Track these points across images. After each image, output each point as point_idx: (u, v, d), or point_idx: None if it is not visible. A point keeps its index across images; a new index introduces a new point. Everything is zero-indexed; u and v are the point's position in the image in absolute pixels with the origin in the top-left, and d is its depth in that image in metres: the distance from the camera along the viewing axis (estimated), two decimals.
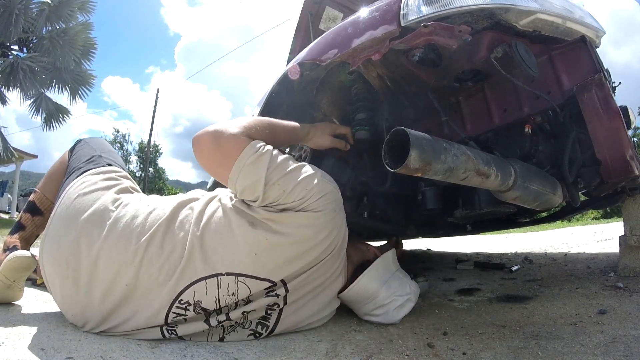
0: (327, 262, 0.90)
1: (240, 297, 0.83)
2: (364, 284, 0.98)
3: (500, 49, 0.87)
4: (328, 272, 0.93)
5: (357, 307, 1.03)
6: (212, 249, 0.82)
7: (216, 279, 0.81)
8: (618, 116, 0.87)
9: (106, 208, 0.89)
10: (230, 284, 0.82)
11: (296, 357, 0.78)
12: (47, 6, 7.72)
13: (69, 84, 8.29)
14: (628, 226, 1.29)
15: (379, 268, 1.02)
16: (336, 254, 0.91)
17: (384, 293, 1.00)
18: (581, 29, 0.96)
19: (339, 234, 0.90)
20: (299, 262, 0.85)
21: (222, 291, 0.82)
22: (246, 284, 0.82)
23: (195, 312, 0.82)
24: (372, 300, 1.00)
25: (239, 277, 0.82)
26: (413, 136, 0.69)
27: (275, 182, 0.83)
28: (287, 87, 1.18)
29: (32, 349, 0.78)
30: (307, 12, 2.51)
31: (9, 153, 8.01)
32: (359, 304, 1.02)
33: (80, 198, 0.92)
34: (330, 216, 0.87)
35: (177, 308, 0.82)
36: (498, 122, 1.02)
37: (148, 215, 0.87)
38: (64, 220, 0.89)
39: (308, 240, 0.84)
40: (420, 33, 0.82)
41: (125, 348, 0.81)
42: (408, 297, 1.02)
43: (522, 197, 0.88)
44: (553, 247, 2.39)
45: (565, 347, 0.77)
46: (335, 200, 0.89)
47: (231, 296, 0.82)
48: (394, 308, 1.00)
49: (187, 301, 0.82)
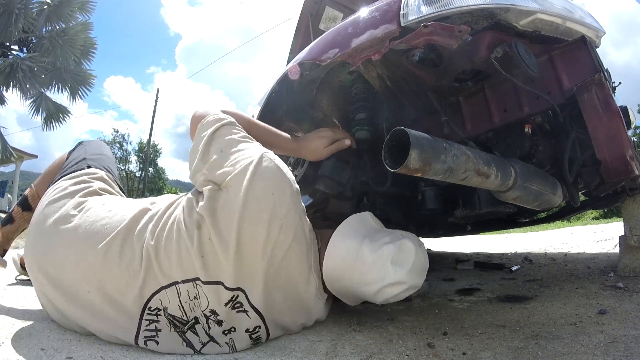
0: (285, 263, 0.81)
1: (203, 303, 0.79)
2: (337, 243, 0.87)
3: (500, 49, 0.87)
4: (294, 276, 0.84)
5: (351, 287, 0.87)
6: (166, 257, 0.79)
7: (175, 287, 0.79)
8: (618, 116, 0.87)
9: (68, 214, 0.90)
10: (190, 290, 0.79)
11: (296, 357, 0.78)
12: (47, 6, 7.72)
13: (68, 83, 8.29)
14: (628, 226, 1.29)
15: (352, 223, 0.91)
16: (293, 250, 0.82)
17: (367, 246, 0.84)
18: (581, 29, 0.96)
19: (287, 223, 0.81)
20: (245, 265, 0.79)
21: (184, 298, 0.79)
22: (204, 290, 0.79)
23: (167, 318, 0.80)
24: (359, 261, 0.84)
25: (195, 281, 0.78)
26: (413, 136, 0.69)
27: (216, 144, 0.85)
28: (287, 87, 1.18)
29: (32, 349, 0.78)
30: (307, 12, 2.51)
31: (8, 153, 8.01)
32: (347, 280, 0.86)
33: (49, 206, 0.93)
34: (268, 203, 0.79)
35: (149, 315, 0.80)
36: (498, 122, 1.02)
37: (107, 221, 0.86)
38: (35, 228, 0.92)
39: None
40: (420, 33, 0.82)
41: (125, 348, 0.81)
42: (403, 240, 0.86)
43: (522, 197, 0.88)
44: (553, 247, 2.39)
45: (565, 347, 0.77)
46: (274, 186, 0.81)
47: (194, 300, 0.79)
48: (393, 256, 0.82)
49: (156, 307, 0.80)
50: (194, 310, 0.80)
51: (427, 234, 1.87)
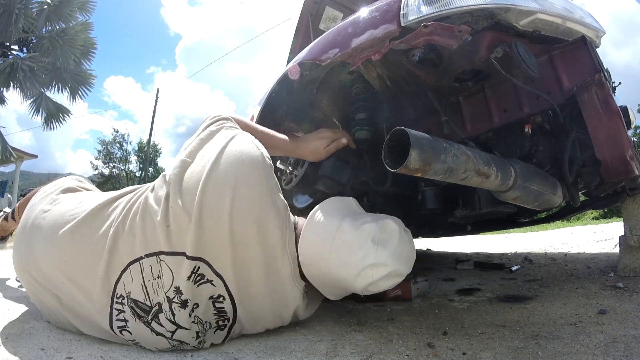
0: (254, 234, 0.78)
1: (166, 282, 0.77)
2: (315, 221, 0.83)
3: (500, 49, 0.87)
4: (267, 249, 0.80)
5: (328, 271, 0.80)
6: (131, 235, 0.80)
7: (138, 264, 0.79)
8: (618, 116, 0.87)
9: (42, 210, 0.93)
10: (153, 266, 0.78)
11: (296, 357, 0.78)
12: (47, 6, 7.72)
13: (69, 83, 8.29)
14: (628, 226, 1.29)
15: (334, 202, 0.88)
16: (262, 221, 0.78)
17: (348, 224, 0.80)
18: (581, 29, 0.96)
19: (253, 192, 0.79)
20: (207, 232, 0.77)
21: (147, 276, 0.78)
22: (167, 264, 0.78)
23: (129, 306, 0.79)
24: (338, 239, 0.79)
25: (159, 255, 0.78)
26: (413, 136, 0.69)
27: (202, 134, 0.88)
28: (287, 87, 1.18)
29: (32, 349, 0.78)
30: (307, 12, 2.51)
31: (7, 153, 8.01)
32: (325, 262, 0.80)
33: (30, 208, 0.97)
34: (236, 170, 0.79)
35: (117, 304, 0.80)
36: (498, 122, 1.02)
37: (76, 210, 0.88)
38: (20, 230, 0.96)
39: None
40: (420, 33, 0.82)
41: (125, 348, 0.81)
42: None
43: (522, 197, 0.88)
44: (553, 247, 2.38)
45: (565, 347, 0.77)
46: (245, 157, 0.81)
47: (156, 279, 0.78)
48: (374, 235, 0.78)
49: (121, 294, 0.79)
50: (157, 293, 0.78)
51: (427, 234, 1.87)
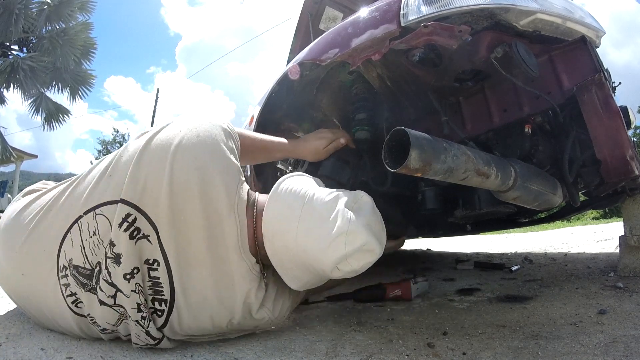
0: (194, 183, 0.74)
1: (102, 235, 0.75)
2: (283, 190, 0.78)
3: (500, 49, 0.87)
4: (209, 204, 0.74)
5: (296, 245, 0.73)
6: (73, 198, 0.80)
7: (77, 225, 0.77)
8: (618, 116, 0.87)
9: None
10: (90, 223, 0.76)
11: (296, 357, 0.79)
12: (47, 6, 7.72)
13: (69, 83, 8.30)
14: (628, 226, 1.29)
15: (301, 176, 0.84)
16: (203, 171, 0.74)
17: (319, 193, 0.75)
18: (581, 29, 0.96)
19: (197, 143, 0.76)
20: (145, 174, 0.75)
21: (85, 236, 0.76)
22: (103, 215, 0.75)
23: (72, 275, 0.77)
24: (307, 207, 0.73)
25: (95, 209, 0.76)
26: (413, 136, 0.69)
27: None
28: (287, 87, 1.18)
29: (32, 349, 0.78)
30: (307, 12, 2.51)
31: (7, 153, 8.02)
32: (292, 234, 0.72)
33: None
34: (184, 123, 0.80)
35: (62, 278, 0.78)
36: (498, 122, 1.02)
37: (33, 204, 0.88)
38: None
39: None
40: (420, 33, 0.82)
41: (125, 348, 0.81)
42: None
43: (522, 197, 0.88)
44: (553, 247, 2.38)
45: (565, 347, 0.77)
46: (206, 122, 0.81)
47: (93, 236, 0.75)
48: (347, 201, 0.74)
49: (64, 265, 0.77)
50: (94, 253, 0.76)
51: (427, 234, 1.87)
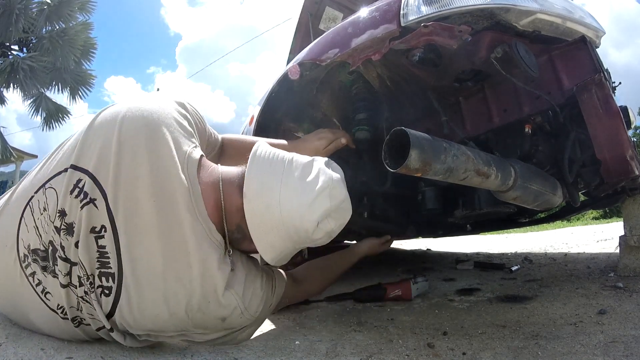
0: (139, 139, 0.71)
1: (52, 208, 0.72)
2: (262, 152, 0.76)
3: (500, 49, 0.87)
4: (147, 157, 0.71)
5: (279, 201, 0.69)
6: (25, 184, 0.79)
7: (28, 206, 0.75)
8: (618, 116, 0.87)
9: None
10: (40, 199, 0.74)
11: (296, 357, 0.79)
12: (47, 6, 7.72)
13: (69, 84, 8.29)
14: (628, 226, 1.29)
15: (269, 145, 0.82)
16: (147, 125, 0.72)
17: (296, 155, 0.76)
18: (581, 29, 0.96)
19: (148, 107, 0.76)
20: (94, 138, 0.73)
21: (37, 215, 0.74)
22: (52, 187, 0.74)
23: (33, 261, 0.75)
24: (291, 164, 0.73)
25: (45, 185, 0.75)
26: (413, 136, 0.69)
27: None
28: (287, 87, 1.18)
29: (32, 349, 0.78)
30: (307, 12, 2.51)
31: (8, 153, 8.02)
32: (277, 184, 0.70)
33: None
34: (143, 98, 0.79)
35: (26, 268, 0.76)
36: (498, 122, 1.02)
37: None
38: None
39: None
40: (420, 33, 0.82)
41: (125, 348, 0.81)
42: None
43: (522, 197, 0.88)
44: (553, 247, 2.38)
45: (565, 347, 0.77)
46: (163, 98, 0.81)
47: (44, 212, 0.73)
48: (325, 161, 0.76)
49: (24, 254, 0.76)
50: (45, 231, 0.73)
51: (427, 234, 1.86)
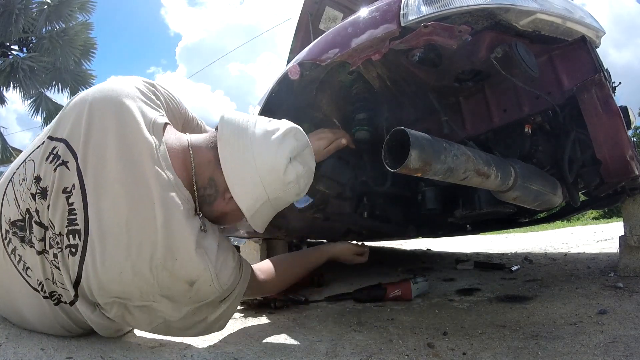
0: (108, 108, 0.75)
1: (29, 177, 0.75)
2: (230, 115, 0.84)
3: (500, 49, 0.87)
4: (115, 122, 0.74)
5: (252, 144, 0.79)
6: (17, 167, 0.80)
7: (10, 182, 0.78)
8: (618, 116, 0.87)
9: None
10: (20, 173, 0.77)
11: (296, 357, 0.79)
12: (47, 6, 7.73)
13: (68, 84, 8.30)
14: (628, 226, 1.29)
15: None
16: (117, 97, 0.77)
17: (261, 116, 0.87)
18: (581, 29, 0.96)
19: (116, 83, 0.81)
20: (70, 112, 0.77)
21: (17, 187, 0.77)
22: (32, 159, 0.77)
23: (13, 234, 0.76)
24: (255, 122, 0.83)
25: (26, 160, 0.78)
26: (413, 136, 0.69)
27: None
28: (287, 87, 1.18)
29: (32, 349, 0.78)
30: (307, 12, 2.51)
31: (8, 153, 8.02)
32: (251, 131, 0.80)
33: None
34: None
35: (8, 245, 0.77)
36: (498, 122, 1.02)
37: None
38: None
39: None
40: (420, 33, 0.82)
41: (125, 348, 0.81)
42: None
43: (522, 197, 0.88)
44: (553, 247, 2.38)
45: (565, 347, 0.77)
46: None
47: (22, 182, 0.76)
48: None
49: (6, 230, 0.77)
50: (23, 199, 0.75)
51: (427, 234, 1.86)
